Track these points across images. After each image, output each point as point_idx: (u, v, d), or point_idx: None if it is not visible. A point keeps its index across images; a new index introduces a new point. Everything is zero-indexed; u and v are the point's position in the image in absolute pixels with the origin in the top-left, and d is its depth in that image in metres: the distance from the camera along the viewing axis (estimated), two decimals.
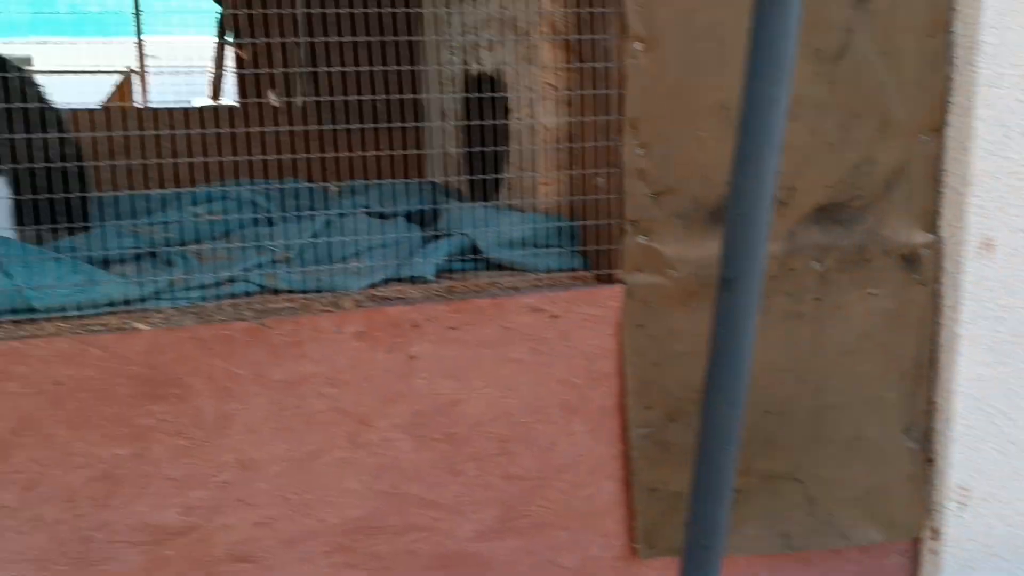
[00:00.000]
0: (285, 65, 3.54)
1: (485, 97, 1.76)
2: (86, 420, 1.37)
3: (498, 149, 1.74)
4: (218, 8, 4.97)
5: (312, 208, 1.81)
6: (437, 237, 1.70)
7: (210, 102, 5.44)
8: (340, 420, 1.50)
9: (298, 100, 3.79)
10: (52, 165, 1.53)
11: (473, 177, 1.84)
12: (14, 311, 1.37)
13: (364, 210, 1.76)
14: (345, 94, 1.61)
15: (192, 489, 1.43)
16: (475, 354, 1.55)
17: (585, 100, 1.63)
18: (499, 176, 1.84)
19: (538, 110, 1.72)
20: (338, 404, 1.49)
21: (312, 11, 1.72)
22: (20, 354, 1.32)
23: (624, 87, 1.55)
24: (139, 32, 3.95)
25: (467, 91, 2.00)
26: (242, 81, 4.05)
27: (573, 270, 1.67)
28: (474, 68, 1.98)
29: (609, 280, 1.62)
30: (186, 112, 3.44)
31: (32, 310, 1.37)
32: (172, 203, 1.87)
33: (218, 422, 1.43)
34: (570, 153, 1.72)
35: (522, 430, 1.60)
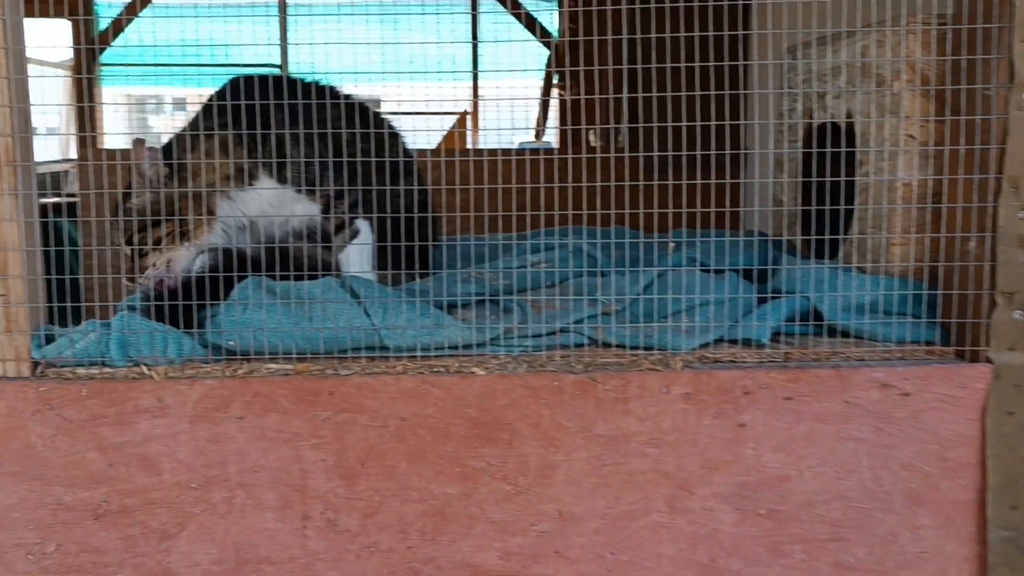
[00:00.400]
0: (607, 110, 3.61)
1: (832, 151, 1.64)
2: (423, 456, 1.43)
3: (847, 207, 1.61)
4: (547, 52, 5.22)
5: (641, 259, 1.79)
6: (774, 297, 1.60)
7: (530, 141, 5.71)
8: (660, 482, 1.45)
9: (619, 142, 3.85)
10: (414, 214, 1.64)
11: (817, 237, 1.72)
12: (370, 348, 1.47)
13: (700, 267, 1.70)
14: (665, 145, 1.57)
15: (512, 535, 1.45)
16: (811, 428, 1.43)
17: (955, 156, 1.46)
18: (843, 235, 1.71)
19: (898, 165, 1.58)
20: (659, 466, 1.45)
21: (639, 67, 1.70)
22: (372, 389, 1.41)
23: (1007, 142, 1.37)
24: (475, 77, 4.23)
25: (810, 143, 1.89)
26: (564, 123, 4.19)
27: (929, 343, 1.50)
28: (818, 119, 1.86)
29: (973, 358, 1.44)
30: (511, 153, 3.61)
31: (385, 348, 1.47)
32: (509, 250, 1.93)
33: (542, 471, 1.44)
34: (934, 214, 1.55)
35: (858, 516, 1.45)
